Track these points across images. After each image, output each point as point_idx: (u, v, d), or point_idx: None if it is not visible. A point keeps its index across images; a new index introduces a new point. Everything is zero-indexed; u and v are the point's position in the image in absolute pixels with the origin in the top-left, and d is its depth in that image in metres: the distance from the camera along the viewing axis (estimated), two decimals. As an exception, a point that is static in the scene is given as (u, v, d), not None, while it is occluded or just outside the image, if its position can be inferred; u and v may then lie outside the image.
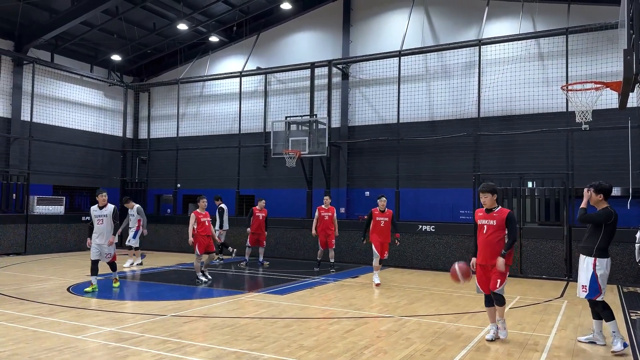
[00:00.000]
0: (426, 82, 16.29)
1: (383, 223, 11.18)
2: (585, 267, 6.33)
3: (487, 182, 6.80)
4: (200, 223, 11.27)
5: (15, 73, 17.37)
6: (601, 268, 6.21)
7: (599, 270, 6.21)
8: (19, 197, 16.58)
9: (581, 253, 6.48)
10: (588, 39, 13.60)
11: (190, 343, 6.22)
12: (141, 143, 21.87)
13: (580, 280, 6.38)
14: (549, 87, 14.28)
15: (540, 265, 12.90)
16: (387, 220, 11.22)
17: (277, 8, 18.71)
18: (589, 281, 6.25)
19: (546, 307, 9.06)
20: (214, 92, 20.33)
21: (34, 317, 7.49)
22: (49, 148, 18.19)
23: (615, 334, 6.08)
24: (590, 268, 6.26)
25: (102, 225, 9.86)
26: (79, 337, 6.39)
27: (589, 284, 6.25)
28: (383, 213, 11.26)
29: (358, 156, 17.25)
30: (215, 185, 19.23)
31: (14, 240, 16.05)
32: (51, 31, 16.95)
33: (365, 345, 6.29)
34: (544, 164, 14.03)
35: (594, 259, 6.26)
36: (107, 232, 9.91)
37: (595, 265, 6.23)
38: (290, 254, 16.43)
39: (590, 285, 6.24)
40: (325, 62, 17.17)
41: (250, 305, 8.75)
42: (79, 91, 19.71)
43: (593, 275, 6.22)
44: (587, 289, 6.26)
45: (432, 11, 16.60)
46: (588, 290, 6.26)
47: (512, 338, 6.74)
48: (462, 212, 15.28)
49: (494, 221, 6.57)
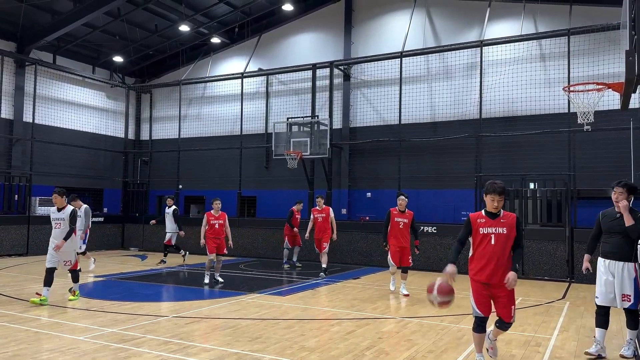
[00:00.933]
0: (428, 83, 16.28)
1: (402, 225, 10.02)
2: (626, 275, 5.72)
3: (496, 181, 5.25)
4: (210, 225, 11.16)
5: (17, 74, 17.41)
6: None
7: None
8: (21, 198, 16.62)
9: (610, 259, 5.87)
10: (590, 40, 13.58)
11: (192, 344, 6.21)
12: (143, 144, 21.90)
13: (621, 288, 5.74)
14: (551, 88, 14.26)
15: (542, 267, 12.88)
16: (406, 222, 10.06)
17: (279, 9, 18.73)
18: (633, 288, 5.68)
19: (548, 308, 9.04)
20: (215, 94, 20.35)
21: (35, 318, 7.50)
22: (50, 149, 18.22)
23: (631, 342, 5.84)
24: (633, 273, 5.70)
25: (59, 230, 8.71)
26: (81, 338, 6.39)
27: (633, 292, 5.68)
28: (402, 214, 10.09)
29: (359, 157, 17.24)
30: (216, 187, 19.25)
31: (16, 242, 16.07)
32: (53, 33, 16.99)
33: (367, 346, 6.28)
34: (545, 165, 14.01)
35: (634, 264, 5.70)
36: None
37: (637, 270, 5.69)
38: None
39: (635, 293, 5.68)
40: (327, 63, 17.19)
41: (252, 306, 8.75)
42: (80, 92, 19.75)
43: (636, 281, 5.68)
44: (632, 297, 5.67)
45: (434, 12, 16.60)
46: (632, 300, 5.68)
47: (514, 339, 6.72)
48: (463, 214, 15.26)
49: (503, 229, 5.19)
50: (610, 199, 6.07)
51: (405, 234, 10.07)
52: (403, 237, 10.04)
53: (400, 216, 10.07)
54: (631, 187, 5.89)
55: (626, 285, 5.70)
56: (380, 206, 16.60)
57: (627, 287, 5.69)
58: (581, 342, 6.67)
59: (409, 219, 10.11)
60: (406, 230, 10.08)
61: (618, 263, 5.77)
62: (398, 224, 10.03)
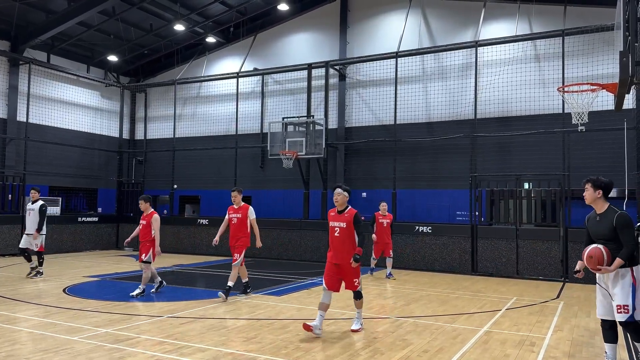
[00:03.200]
0: (423, 83, 16.31)
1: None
2: (620, 283, 4.96)
3: None
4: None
5: (11, 73, 17.31)
6: None
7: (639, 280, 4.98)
8: (14, 198, 16.53)
9: None
10: (584, 40, 13.64)
11: (187, 344, 6.20)
12: (138, 144, 21.83)
13: (617, 298, 4.96)
14: (546, 88, 14.32)
15: (536, 266, 12.93)
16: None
17: (274, 9, 18.70)
18: (631, 298, 4.89)
19: (542, 308, 9.08)
20: (210, 93, 20.31)
21: (29, 319, 7.46)
22: (45, 149, 18.13)
23: None
24: (628, 281, 4.93)
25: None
26: (75, 339, 6.37)
27: (631, 301, 4.88)
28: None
29: (355, 157, 17.26)
30: (211, 186, 19.23)
31: (10, 242, 15.98)
32: (47, 31, 16.92)
33: (362, 346, 6.29)
34: (540, 165, 14.06)
35: (630, 269, 4.98)
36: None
37: (634, 275, 4.97)
38: (287, 255, 16.41)
39: (634, 303, 4.90)
40: (322, 63, 17.18)
41: (246, 306, 8.74)
42: (75, 92, 19.66)
43: (634, 288, 4.92)
44: (630, 308, 4.86)
45: (429, 13, 16.63)
46: (631, 311, 4.86)
47: (508, 338, 6.75)
48: (458, 213, 15.31)
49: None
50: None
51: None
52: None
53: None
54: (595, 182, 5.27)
55: (621, 295, 4.94)
56: (376, 206, 16.62)
57: (623, 297, 4.92)
58: (575, 341, 6.70)
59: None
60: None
61: None
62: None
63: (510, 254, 13.24)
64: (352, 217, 6.84)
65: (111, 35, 19.04)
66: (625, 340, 6.41)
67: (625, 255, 4.93)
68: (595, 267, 5.02)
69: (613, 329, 5.17)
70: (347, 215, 6.87)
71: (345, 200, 6.94)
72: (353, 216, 6.85)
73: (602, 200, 5.24)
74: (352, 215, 6.86)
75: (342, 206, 6.94)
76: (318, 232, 15.88)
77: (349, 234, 6.83)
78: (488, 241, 13.54)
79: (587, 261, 5.09)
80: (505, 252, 13.31)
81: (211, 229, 17.08)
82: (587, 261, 5.08)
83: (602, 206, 5.23)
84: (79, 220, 18.36)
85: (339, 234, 6.87)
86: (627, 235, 4.96)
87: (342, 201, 6.92)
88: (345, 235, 6.84)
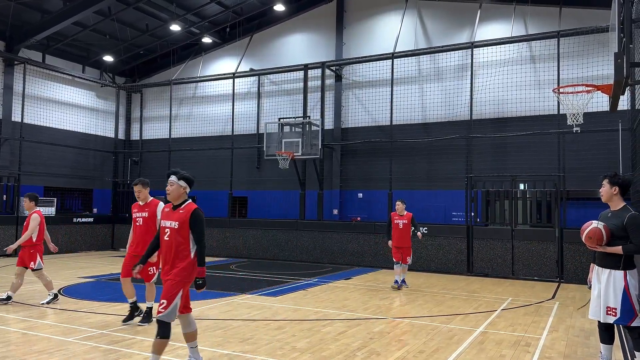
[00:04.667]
0: (419, 84, 16.35)
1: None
2: (611, 284, 4.93)
3: None
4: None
5: (6, 73, 17.25)
6: (634, 282, 4.93)
7: (632, 285, 4.89)
8: (9, 199, 16.45)
9: (598, 266, 5.14)
10: (579, 42, 13.71)
11: (182, 345, 6.17)
12: (133, 144, 21.77)
13: (606, 300, 4.95)
14: (541, 89, 14.38)
15: (531, 267, 12.97)
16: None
17: (271, 9, 18.71)
18: (620, 301, 4.85)
19: (538, 308, 9.10)
20: (206, 94, 20.28)
21: (24, 320, 7.43)
22: (40, 149, 18.07)
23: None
24: (620, 284, 4.88)
25: None
26: (70, 340, 6.34)
27: (620, 304, 4.85)
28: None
29: (351, 158, 17.27)
30: (208, 187, 19.18)
31: (4, 242, 15.87)
32: (43, 31, 16.86)
33: (358, 347, 6.29)
34: (535, 166, 14.11)
35: (623, 272, 4.90)
36: None
37: (627, 280, 4.88)
38: (283, 255, 16.39)
39: (623, 307, 4.83)
40: (319, 63, 17.19)
41: (243, 307, 8.73)
42: (70, 92, 19.60)
43: (625, 293, 4.85)
44: (618, 312, 4.84)
45: (425, 14, 16.67)
46: (619, 314, 4.84)
47: (504, 339, 6.76)
48: (454, 214, 15.34)
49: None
50: (599, 200, 5.46)
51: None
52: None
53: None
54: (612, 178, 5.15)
55: (610, 297, 4.91)
56: (372, 207, 16.66)
57: (612, 299, 4.90)
58: (570, 341, 6.72)
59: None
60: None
61: (604, 270, 5.03)
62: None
63: (505, 255, 13.27)
64: (188, 215, 4.96)
65: (107, 36, 19.00)
66: (620, 341, 6.45)
67: (628, 250, 4.86)
68: (594, 246, 5.08)
69: (609, 330, 5.14)
70: (183, 213, 4.99)
71: (182, 192, 5.11)
72: (190, 214, 4.97)
73: (619, 198, 5.10)
74: (190, 212, 4.98)
75: (177, 200, 5.09)
76: (314, 232, 15.88)
77: (182, 239, 4.94)
78: (484, 242, 13.57)
79: (586, 241, 5.11)
80: (500, 252, 13.34)
81: (208, 229, 17.02)
82: (587, 241, 5.10)
83: (618, 204, 5.10)
84: (74, 220, 18.29)
85: (168, 237, 4.97)
86: (638, 237, 4.85)
87: (177, 193, 5.08)
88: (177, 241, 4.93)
